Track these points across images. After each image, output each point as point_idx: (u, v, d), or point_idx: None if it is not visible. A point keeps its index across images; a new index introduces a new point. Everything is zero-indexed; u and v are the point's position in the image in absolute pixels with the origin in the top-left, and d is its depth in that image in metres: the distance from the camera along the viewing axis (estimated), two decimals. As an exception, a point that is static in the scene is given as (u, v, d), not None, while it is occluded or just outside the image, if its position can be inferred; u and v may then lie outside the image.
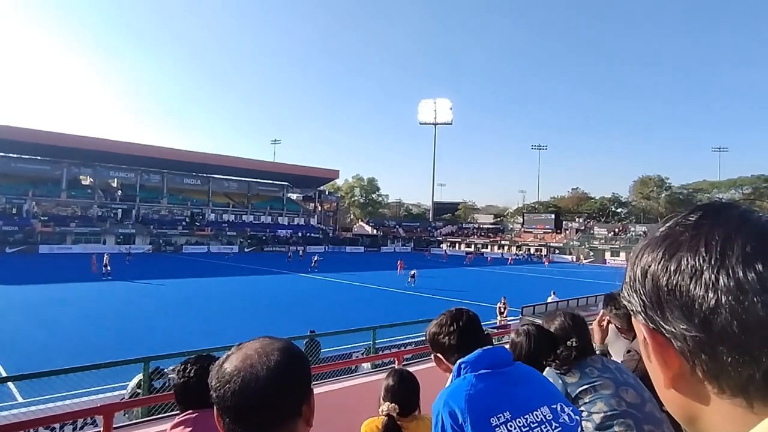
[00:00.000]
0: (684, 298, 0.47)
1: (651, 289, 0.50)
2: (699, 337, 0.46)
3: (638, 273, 0.52)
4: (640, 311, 0.52)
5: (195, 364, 1.77)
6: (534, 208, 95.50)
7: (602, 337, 2.70)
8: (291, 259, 50.63)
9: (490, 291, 27.84)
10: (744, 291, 0.43)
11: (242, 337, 1.06)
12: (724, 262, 0.45)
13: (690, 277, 0.47)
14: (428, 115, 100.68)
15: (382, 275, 38.92)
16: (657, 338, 0.51)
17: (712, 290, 0.45)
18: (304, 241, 72.57)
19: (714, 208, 0.51)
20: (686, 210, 0.53)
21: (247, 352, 0.94)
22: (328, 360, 9.65)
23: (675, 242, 0.50)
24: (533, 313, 17.41)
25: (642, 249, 0.53)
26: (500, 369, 1.54)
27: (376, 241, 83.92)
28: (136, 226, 63.30)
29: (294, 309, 21.87)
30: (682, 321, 0.47)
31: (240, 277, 35.45)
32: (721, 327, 0.44)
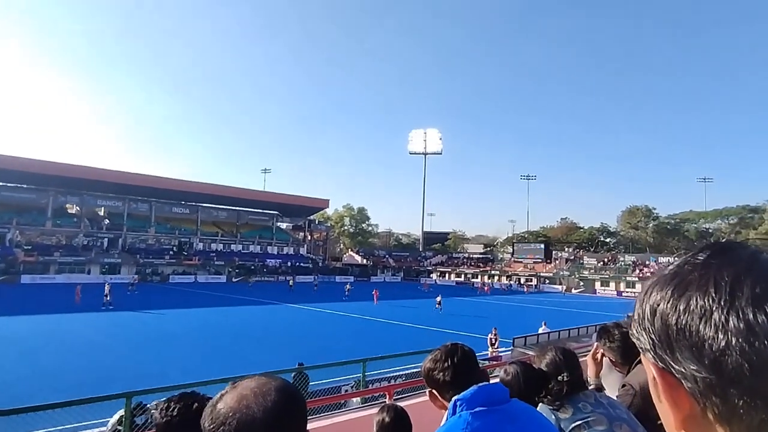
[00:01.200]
0: (694, 339, 0.46)
1: (660, 327, 0.50)
2: (709, 378, 0.45)
3: (647, 311, 0.52)
4: (650, 349, 0.52)
5: (179, 402, 1.70)
6: (524, 237, 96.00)
7: (596, 370, 2.68)
8: (293, 288, 51.44)
9: (481, 321, 27.67)
10: (755, 333, 0.43)
11: (230, 372, 1.06)
12: (733, 303, 0.45)
13: (700, 317, 0.46)
14: (418, 145, 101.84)
15: (371, 306, 38.61)
16: (667, 378, 0.50)
17: (722, 331, 0.45)
18: (293, 270, 72.02)
19: (723, 248, 0.51)
20: (695, 248, 0.53)
21: (243, 391, 0.90)
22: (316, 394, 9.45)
23: (684, 281, 0.49)
24: (524, 345, 17.31)
25: (651, 286, 0.53)
26: (497, 406, 1.51)
27: (366, 270, 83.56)
28: (122, 255, 62.53)
29: (283, 340, 21.55)
30: (692, 361, 0.47)
31: (233, 307, 34.98)
32: (731, 369, 0.44)
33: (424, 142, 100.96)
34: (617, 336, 2.68)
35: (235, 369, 14.55)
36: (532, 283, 75.35)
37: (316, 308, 35.73)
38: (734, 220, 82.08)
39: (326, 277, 74.12)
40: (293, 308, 35.66)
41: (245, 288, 53.56)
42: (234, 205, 79.07)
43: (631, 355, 2.61)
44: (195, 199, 74.47)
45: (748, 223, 78.21)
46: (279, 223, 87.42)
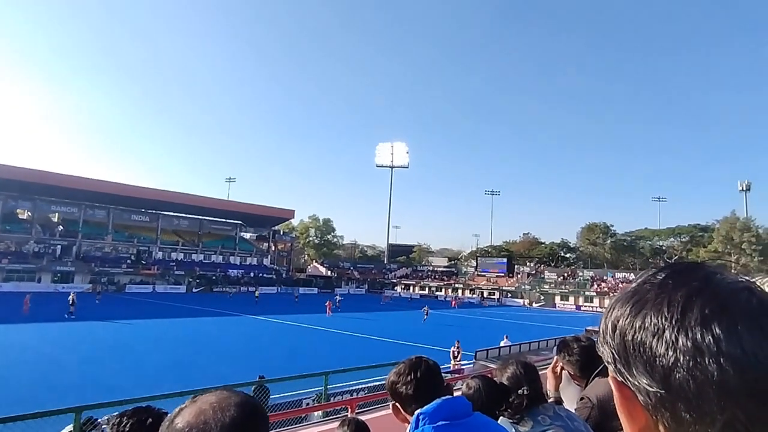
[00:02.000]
0: (647, 354, 0.49)
1: (619, 343, 0.52)
2: (660, 393, 0.48)
3: (609, 327, 0.54)
4: (611, 363, 0.54)
5: (132, 417, 1.64)
6: (487, 251, 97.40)
7: (556, 383, 2.73)
8: (258, 299, 50.61)
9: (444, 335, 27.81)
10: (700, 352, 0.45)
11: (189, 385, 1.01)
12: (683, 322, 0.47)
13: (653, 334, 0.49)
14: (385, 158, 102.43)
15: (334, 318, 38.29)
16: (624, 391, 0.53)
17: (671, 349, 0.47)
18: (256, 281, 70.84)
19: (680, 269, 0.53)
20: (656, 268, 0.55)
21: (202, 406, 0.85)
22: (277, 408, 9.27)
23: (642, 300, 0.52)
24: (486, 357, 17.49)
25: (614, 303, 0.56)
26: (459, 420, 1.52)
27: (330, 282, 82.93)
28: (76, 263, 60.13)
29: (244, 353, 21.11)
30: (645, 376, 0.49)
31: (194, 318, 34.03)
32: (678, 384, 0.46)
33: (391, 155, 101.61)
34: (576, 350, 2.74)
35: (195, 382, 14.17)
36: (494, 296, 76.36)
37: (282, 320, 35.18)
38: (686, 238, 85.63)
39: (290, 289, 73.21)
40: (257, 320, 35.02)
41: (209, 299, 52.33)
42: (196, 214, 77.39)
43: (590, 368, 2.68)
44: (155, 207, 72.53)
45: (698, 241, 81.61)
46: (242, 233, 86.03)
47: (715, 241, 73.49)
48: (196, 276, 68.06)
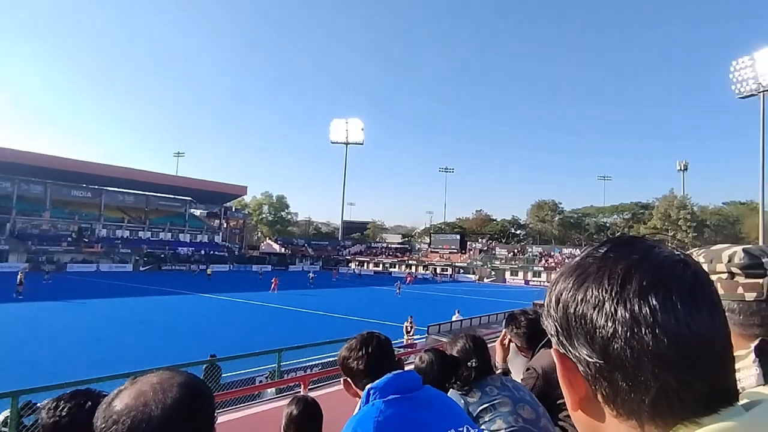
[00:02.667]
0: (587, 326, 0.51)
1: (562, 316, 0.54)
2: (599, 363, 0.50)
3: (552, 300, 0.56)
4: (554, 335, 0.56)
5: (69, 401, 1.54)
6: (440, 228, 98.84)
7: (504, 355, 2.82)
8: (210, 276, 50.47)
9: (398, 310, 28.21)
10: (638, 323, 0.47)
11: (135, 366, 0.96)
12: (622, 294, 0.49)
13: (593, 306, 0.50)
14: (340, 135, 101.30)
15: (287, 295, 38.14)
16: (566, 363, 0.54)
17: (611, 320, 0.49)
18: (207, 259, 69.27)
19: (621, 242, 0.55)
20: (598, 243, 0.57)
21: (142, 387, 0.81)
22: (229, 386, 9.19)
23: (584, 273, 0.53)
24: (438, 332, 17.91)
25: (558, 277, 0.57)
26: (409, 394, 1.54)
27: (284, 259, 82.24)
28: (11, 241, 56.84)
29: (195, 332, 20.73)
30: (585, 347, 0.51)
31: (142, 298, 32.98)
32: (616, 355, 0.48)
33: (346, 131, 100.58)
34: (524, 323, 2.83)
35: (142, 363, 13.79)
36: (447, 272, 77.92)
37: (234, 298, 34.69)
38: (628, 215, 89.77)
39: (242, 266, 72.11)
40: (209, 298, 34.38)
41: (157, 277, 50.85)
42: (143, 190, 74.44)
43: (536, 340, 2.77)
44: (98, 182, 69.18)
45: (639, 218, 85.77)
46: (192, 209, 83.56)
47: (654, 218, 77.51)
48: (144, 254, 65.83)
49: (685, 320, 0.47)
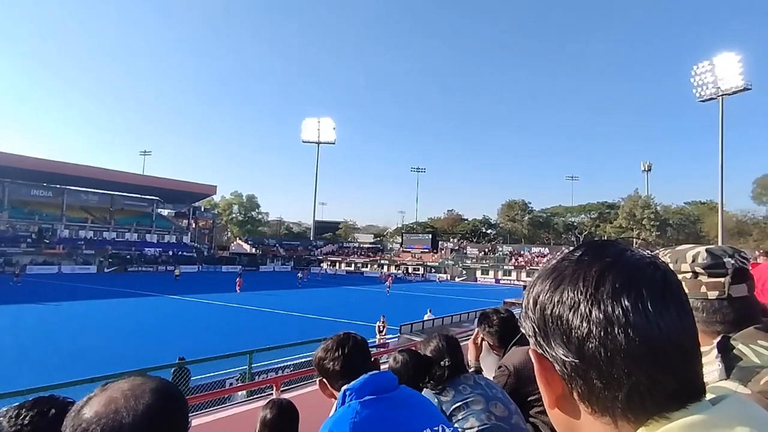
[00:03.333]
0: (564, 327, 0.53)
1: (539, 317, 0.56)
2: (574, 363, 0.52)
3: (530, 302, 0.57)
4: (531, 336, 0.58)
5: (31, 408, 1.46)
6: (412, 228, 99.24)
7: (477, 354, 2.86)
8: (178, 278, 49.70)
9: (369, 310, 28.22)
10: (611, 323, 0.49)
11: (101, 370, 0.93)
12: (596, 296, 0.51)
13: (569, 308, 0.52)
14: (311, 134, 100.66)
15: (258, 296, 37.73)
16: (543, 362, 0.56)
17: (585, 321, 0.51)
18: (175, 260, 67.84)
19: (595, 246, 0.57)
20: (575, 245, 0.60)
21: (113, 394, 0.78)
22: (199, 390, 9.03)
23: (560, 275, 0.55)
24: (411, 331, 17.96)
25: (535, 280, 0.59)
26: (385, 394, 1.55)
27: (255, 260, 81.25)
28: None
29: (163, 334, 20.31)
30: (561, 347, 0.53)
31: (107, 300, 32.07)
32: (591, 354, 0.50)
33: (318, 131, 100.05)
34: (495, 321, 2.87)
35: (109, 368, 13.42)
36: (419, 272, 78.32)
37: (204, 300, 34.08)
38: (595, 215, 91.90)
39: (212, 267, 70.93)
40: (177, 300, 33.71)
41: (123, 279, 49.54)
42: (108, 189, 72.47)
43: (508, 338, 2.82)
44: (60, 181, 66.96)
45: (605, 217, 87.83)
46: (160, 209, 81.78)
47: (620, 217, 79.47)
48: (108, 255, 64.03)
49: (656, 320, 0.49)
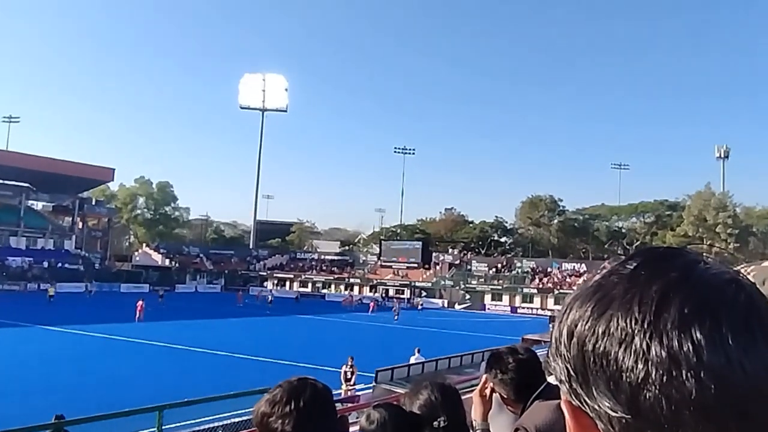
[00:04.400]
0: (611, 369, 0.51)
1: (576, 355, 0.54)
2: (625, 418, 0.51)
3: (564, 333, 0.56)
4: (565, 381, 0.56)
5: None
6: (395, 233, 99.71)
7: (485, 411, 2.85)
8: (52, 299, 49.68)
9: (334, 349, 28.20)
10: (677, 364, 0.48)
11: None
12: (657, 325, 0.50)
13: (620, 342, 0.51)
14: (253, 97, 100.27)
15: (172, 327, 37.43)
16: (580, 419, 0.55)
17: (642, 360, 0.49)
18: (52, 275, 66.78)
19: (655, 256, 0.57)
20: (626, 255, 0.58)
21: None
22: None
23: (607, 296, 0.54)
24: (391, 379, 17.98)
25: (571, 302, 0.58)
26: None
27: (169, 275, 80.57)
28: None
29: (31, 382, 20.06)
30: (607, 397, 0.51)
31: None
32: (649, 407, 0.49)
33: (263, 92, 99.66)
34: (511, 365, 2.86)
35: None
36: (404, 296, 78.47)
37: (91, 332, 33.61)
38: (650, 218, 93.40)
39: (106, 286, 70.00)
40: (52, 332, 33.20)
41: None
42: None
43: (528, 389, 2.81)
44: None
45: (665, 222, 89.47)
46: (31, 201, 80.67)
47: (685, 222, 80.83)
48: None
49: (739, 359, 0.48)
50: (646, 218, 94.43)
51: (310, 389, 1.73)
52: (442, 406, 2.29)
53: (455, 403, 2.35)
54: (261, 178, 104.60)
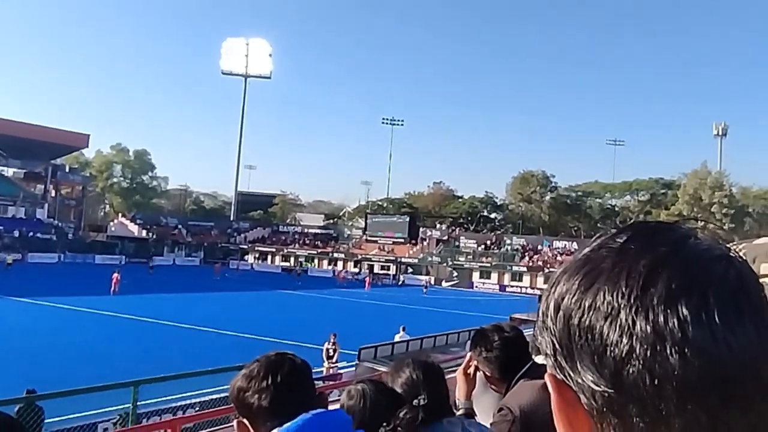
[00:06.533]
0: (596, 343, 0.52)
1: (562, 328, 0.55)
2: (608, 393, 0.51)
3: (551, 306, 0.57)
4: (550, 355, 0.57)
5: None
6: (381, 207, 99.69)
7: (468, 390, 2.87)
8: (10, 267, 47.34)
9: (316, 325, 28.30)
10: (662, 339, 0.49)
11: None
12: (644, 300, 0.50)
13: (605, 316, 0.52)
14: (236, 62, 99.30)
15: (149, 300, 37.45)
16: (564, 393, 0.56)
17: (627, 335, 0.50)
18: (22, 244, 66.34)
19: (646, 230, 0.57)
20: (617, 229, 0.58)
21: None
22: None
23: (594, 270, 0.55)
24: (374, 357, 18.12)
25: (559, 276, 0.58)
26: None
27: (146, 247, 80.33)
28: None
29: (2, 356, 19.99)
30: (591, 371, 0.52)
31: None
32: (632, 381, 0.50)
33: (246, 57, 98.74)
34: (497, 343, 2.86)
35: None
36: (389, 272, 78.72)
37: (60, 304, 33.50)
38: (645, 196, 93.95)
39: (80, 257, 69.64)
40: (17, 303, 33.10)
41: None
42: None
43: (513, 368, 2.82)
44: None
45: (660, 201, 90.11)
46: (1, 167, 79.80)
47: (680, 201, 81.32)
48: None
49: (724, 337, 0.48)
50: (640, 196, 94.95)
51: (288, 364, 1.74)
52: (424, 384, 2.30)
53: (437, 381, 2.36)
54: (243, 148, 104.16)
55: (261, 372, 1.69)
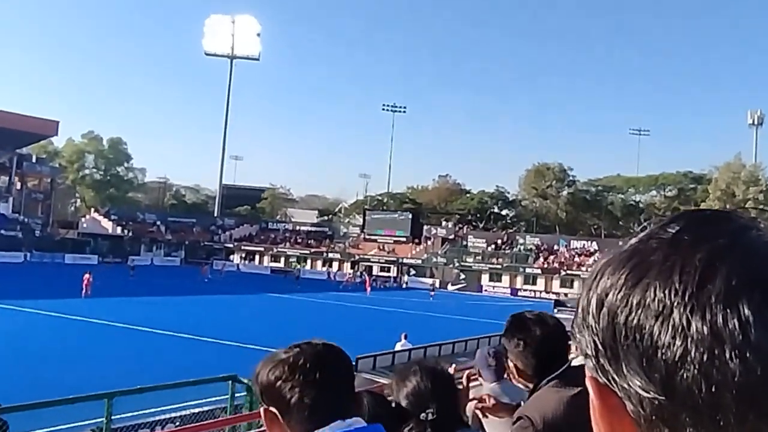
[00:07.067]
0: (645, 345, 0.51)
1: (606, 327, 0.54)
2: (658, 400, 0.50)
3: (593, 303, 0.56)
4: (591, 356, 0.56)
5: None
6: (382, 202, 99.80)
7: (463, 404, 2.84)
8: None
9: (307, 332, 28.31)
10: (720, 342, 0.47)
11: None
12: (700, 298, 0.49)
13: (656, 315, 0.50)
14: (221, 42, 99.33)
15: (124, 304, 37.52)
16: (607, 398, 0.55)
17: (680, 337, 0.49)
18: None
19: (702, 219, 0.56)
20: (667, 218, 0.57)
21: None
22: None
23: (644, 263, 0.53)
24: (373, 368, 18.11)
25: (602, 268, 0.57)
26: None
27: (121, 246, 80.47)
28: None
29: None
30: (639, 376, 0.51)
31: None
32: (685, 388, 0.49)
33: (232, 37, 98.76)
34: (538, 335, 2.79)
35: None
36: (390, 274, 78.67)
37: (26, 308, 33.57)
38: (672, 192, 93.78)
39: (48, 256, 69.72)
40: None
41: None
42: None
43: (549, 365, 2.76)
44: None
45: (689, 197, 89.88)
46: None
47: (710, 197, 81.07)
48: None
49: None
50: (667, 191, 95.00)
51: (336, 357, 1.71)
52: (433, 395, 2.27)
53: (448, 391, 2.33)
54: (228, 137, 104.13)
55: (307, 363, 1.62)
